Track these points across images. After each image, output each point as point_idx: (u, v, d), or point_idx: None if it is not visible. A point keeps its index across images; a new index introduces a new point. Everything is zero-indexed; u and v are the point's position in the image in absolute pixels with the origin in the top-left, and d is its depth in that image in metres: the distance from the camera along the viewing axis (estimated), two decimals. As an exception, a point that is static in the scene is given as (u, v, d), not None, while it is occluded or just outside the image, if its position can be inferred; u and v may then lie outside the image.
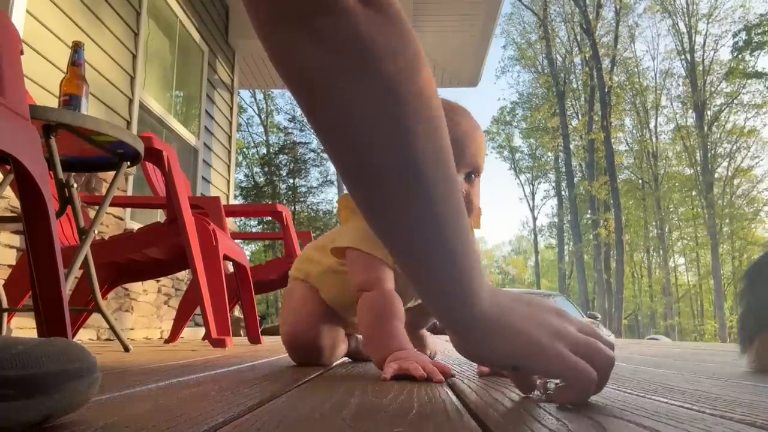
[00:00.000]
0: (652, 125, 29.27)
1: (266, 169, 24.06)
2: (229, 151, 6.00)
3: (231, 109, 6.08)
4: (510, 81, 59.74)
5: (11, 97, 1.19)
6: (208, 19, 5.35)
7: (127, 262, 2.65)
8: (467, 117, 1.09)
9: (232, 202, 6.73)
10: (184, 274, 4.17)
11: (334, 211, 21.65)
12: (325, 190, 26.98)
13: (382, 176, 0.52)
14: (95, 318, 3.03)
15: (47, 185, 1.21)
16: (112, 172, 1.99)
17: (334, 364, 1.33)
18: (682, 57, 27.65)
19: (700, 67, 26.86)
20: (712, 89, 26.95)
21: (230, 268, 3.09)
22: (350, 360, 1.47)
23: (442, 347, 2.27)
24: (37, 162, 1.18)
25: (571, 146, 27.37)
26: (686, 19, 27.50)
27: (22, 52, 1.34)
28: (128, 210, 3.76)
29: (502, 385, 0.86)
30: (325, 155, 21.45)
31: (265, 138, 24.89)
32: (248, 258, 3.22)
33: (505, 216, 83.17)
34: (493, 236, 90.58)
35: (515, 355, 0.60)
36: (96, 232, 1.88)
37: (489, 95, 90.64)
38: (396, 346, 1.02)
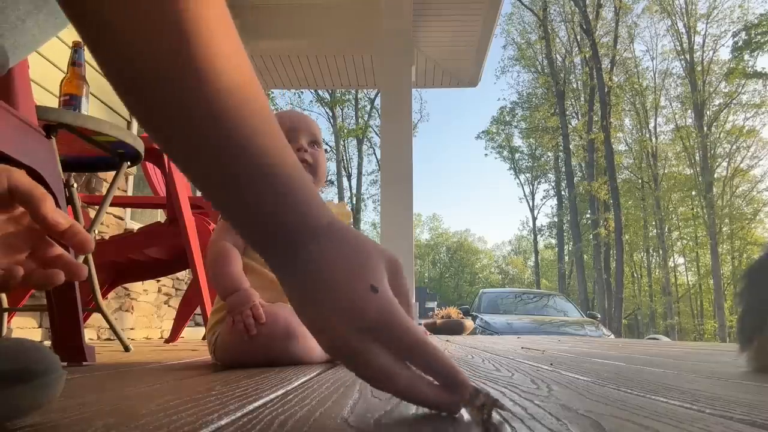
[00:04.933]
0: (651, 125, 29.30)
1: (266, 169, 24.05)
2: (229, 151, 5.99)
3: (231, 109, 6.07)
4: (510, 81, 59.77)
5: (23, 109, 1.21)
6: (208, 19, 5.34)
7: (127, 262, 2.66)
8: (297, 111, 1.58)
9: (232, 202, 6.72)
10: (184, 274, 4.17)
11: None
12: (324, 189, 27.02)
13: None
14: (95, 318, 3.03)
15: (63, 197, 1.24)
16: (112, 172, 1.99)
17: (324, 363, 1.33)
18: (681, 57, 27.66)
19: (699, 68, 26.86)
20: (711, 89, 26.95)
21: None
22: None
23: (442, 347, 2.28)
24: (56, 176, 1.22)
25: (571, 146, 27.37)
26: (685, 19, 27.51)
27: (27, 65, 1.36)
28: (128, 210, 3.76)
29: (502, 385, 0.86)
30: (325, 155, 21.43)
31: (264, 138, 24.88)
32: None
33: (505, 216, 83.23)
34: (493, 236, 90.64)
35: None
36: (96, 232, 1.88)
37: (489, 95, 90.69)
38: (231, 287, 1.26)
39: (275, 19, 5.88)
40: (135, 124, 3.86)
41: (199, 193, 4.98)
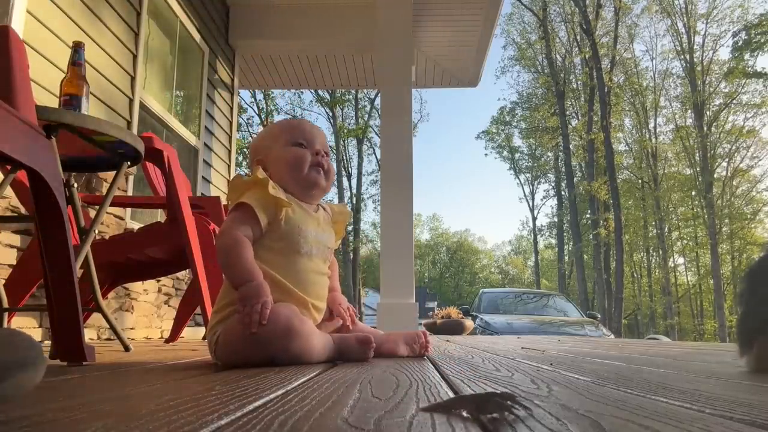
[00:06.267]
0: (651, 125, 29.29)
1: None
2: (229, 151, 6.00)
3: (231, 109, 6.08)
4: (510, 81, 59.78)
5: (23, 110, 1.22)
6: (208, 19, 5.35)
7: (127, 262, 2.65)
8: (309, 123, 1.60)
9: (232, 202, 6.72)
10: (184, 274, 4.17)
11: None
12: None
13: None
14: (96, 317, 3.03)
15: (63, 197, 1.25)
16: (113, 172, 1.99)
17: (323, 362, 1.33)
18: (681, 57, 27.65)
19: (699, 68, 26.85)
20: (711, 89, 26.94)
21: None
22: (340, 361, 1.46)
23: (443, 347, 2.28)
24: (56, 176, 1.22)
25: (571, 146, 27.36)
26: (685, 19, 27.49)
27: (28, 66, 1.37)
28: (128, 210, 3.76)
29: (502, 385, 0.86)
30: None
31: (265, 138, 24.87)
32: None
33: (505, 216, 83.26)
34: (493, 236, 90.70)
35: None
36: (96, 231, 1.88)
37: (489, 95, 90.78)
38: (247, 277, 1.30)
39: (276, 20, 5.88)
40: (135, 124, 3.87)
41: (198, 193, 4.96)
